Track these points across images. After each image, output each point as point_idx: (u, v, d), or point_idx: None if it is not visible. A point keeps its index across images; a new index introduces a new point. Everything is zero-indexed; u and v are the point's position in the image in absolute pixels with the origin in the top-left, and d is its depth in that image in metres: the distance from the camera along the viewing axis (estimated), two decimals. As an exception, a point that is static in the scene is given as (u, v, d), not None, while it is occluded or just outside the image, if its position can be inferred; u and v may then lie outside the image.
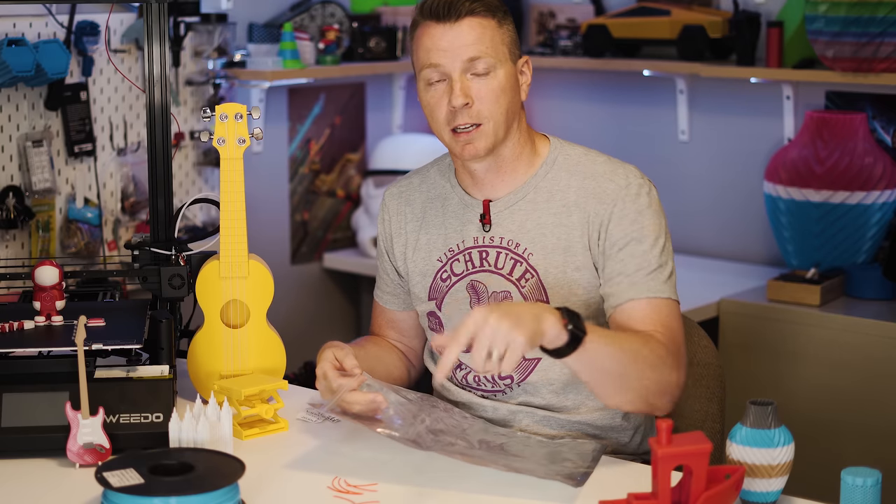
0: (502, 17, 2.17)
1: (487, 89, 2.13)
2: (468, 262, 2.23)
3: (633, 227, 2.13)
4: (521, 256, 2.19)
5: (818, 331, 3.29)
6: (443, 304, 2.26)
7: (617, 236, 2.14)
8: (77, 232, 3.32)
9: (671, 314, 2.12)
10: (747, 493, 1.82)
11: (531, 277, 2.18)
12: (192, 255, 2.38)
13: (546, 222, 2.18)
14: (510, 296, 2.19)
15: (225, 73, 3.68)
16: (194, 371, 2.31)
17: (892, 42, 3.26)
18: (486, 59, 2.13)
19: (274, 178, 3.99)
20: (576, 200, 2.17)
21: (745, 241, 3.87)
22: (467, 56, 2.12)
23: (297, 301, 4.07)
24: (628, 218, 2.14)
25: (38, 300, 2.27)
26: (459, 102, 2.12)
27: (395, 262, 2.34)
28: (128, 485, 1.76)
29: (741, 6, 3.67)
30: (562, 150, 2.23)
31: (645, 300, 2.11)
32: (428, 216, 2.29)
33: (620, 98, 4.09)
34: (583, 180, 2.18)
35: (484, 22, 2.14)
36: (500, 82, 2.14)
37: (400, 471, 2.01)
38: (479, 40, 2.13)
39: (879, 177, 3.42)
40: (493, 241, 2.22)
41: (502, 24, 2.17)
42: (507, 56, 2.16)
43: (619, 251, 2.13)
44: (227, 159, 2.26)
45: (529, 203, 2.20)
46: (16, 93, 3.19)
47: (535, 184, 2.21)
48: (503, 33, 2.16)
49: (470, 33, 2.13)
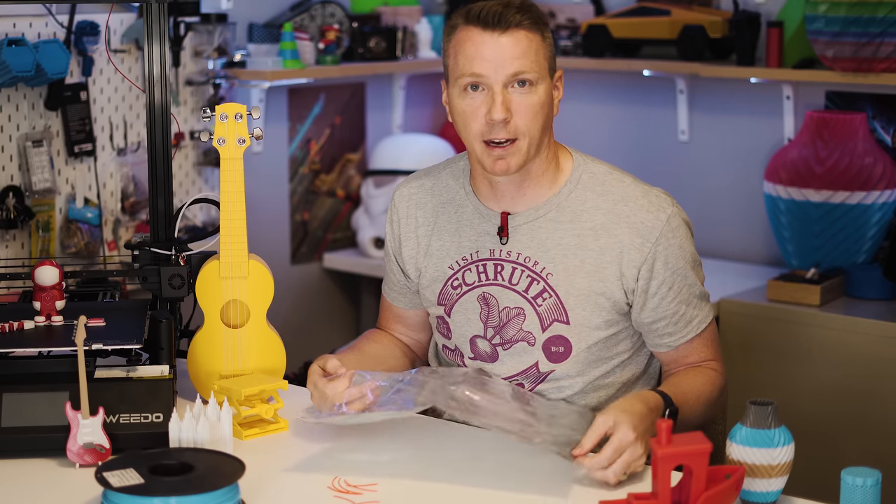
0: (546, 31, 2.14)
1: (527, 105, 2.09)
2: (481, 273, 2.21)
3: (679, 263, 2.16)
4: (539, 275, 2.17)
5: (818, 331, 3.29)
6: (452, 312, 2.25)
7: (664, 276, 2.15)
8: (77, 232, 3.32)
9: (715, 334, 2.25)
10: (747, 493, 1.82)
11: (549, 297, 2.16)
12: (192, 255, 2.38)
13: (569, 243, 2.16)
14: (523, 312, 2.18)
15: (225, 73, 3.68)
16: (194, 371, 2.31)
17: (892, 42, 3.26)
18: (530, 74, 2.09)
19: (274, 178, 3.99)
20: (604, 224, 2.15)
21: (745, 241, 3.87)
22: (512, 70, 2.08)
23: (297, 301, 4.07)
24: (674, 255, 2.16)
25: (38, 300, 2.27)
26: (499, 117, 2.07)
27: (404, 264, 2.32)
28: (128, 485, 1.76)
29: (741, 6, 3.66)
30: (586, 168, 2.20)
31: (696, 338, 2.21)
32: (440, 222, 2.27)
33: (620, 98, 4.09)
34: (613, 204, 2.16)
35: (531, 35, 2.10)
36: (540, 98, 2.11)
37: (400, 471, 2.01)
38: (525, 54, 2.09)
39: (879, 177, 3.42)
40: (510, 256, 2.19)
41: (546, 38, 2.14)
42: (547, 72, 2.13)
43: (668, 290, 2.16)
44: (227, 159, 2.26)
45: (551, 222, 2.17)
46: (16, 93, 3.19)
47: (557, 202, 2.18)
48: (546, 48, 2.14)
49: (517, 46, 2.09)
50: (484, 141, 2.10)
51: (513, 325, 2.19)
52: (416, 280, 2.31)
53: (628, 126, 4.08)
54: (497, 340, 2.21)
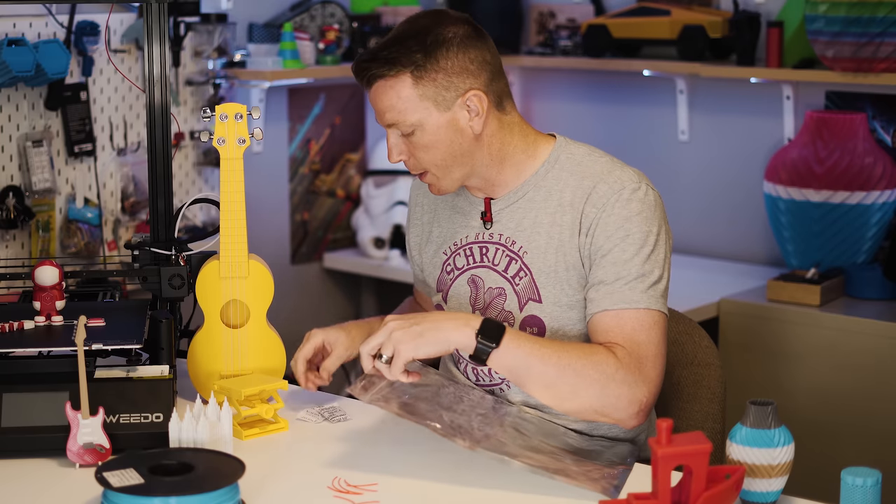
0: (420, 65, 2.08)
1: (416, 145, 2.14)
2: (469, 256, 2.25)
3: (618, 234, 2.10)
4: (517, 254, 2.19)
5: (818, 331, 3.29)
6: (448, 297, 2.28)
7: (601, 242, 2.11)
8: (77, 232, 3.32)
9: (640, 326, 2.06)
10: (747, 493, 1.82)
11: (525, 276, 2.18)
12: (192, 255, 2.38)
13: (542, 221, 2.18)
14: (504, 292, 2.20)
15: (225, 73, 3.68)
16: (194, 371, 2.31)
17: (892, 42, 3.26)
18: (403, 123, 2.11)
19: (274, 178, 3.99)
20: (571, 200, 2.16)
21: (744, 241, 3.87)
22: (385, 122, 2.14)
23: (297, 301, 4.07)
24: (614, 224, 2.11)
25: (38, 300, 2.27)
26: (394, 160, 2.16)
27: (412, 250, 2.39)
28: (128, 485, 1.76)
29: (741, 6, 3.67)
30: (565, 149, 2.21)
31: (612, 312, 2.08)
32: (439, 210, 2.32)
33: (620, 98, 4.09)
34: (581, 180, 2.16)
35: (394, 83, 2.10)
36: (428, 137, 2.12)
37: (400, 471, 2.01)
38: (392, 106, 2.11)
39: (879, 177, 3.42)
40: (493, 238, 2.22)
41: (420, 75, 2.09)
42: (432, 108, 2.11)
43: (602, 258, 2.11)
44: (227, 159, 2.26)
45: (529, 202, 2.20)
46: (16, 93, 3.19)
47: (535, 182, 2.20)
48: (423, 86, 2.10)
49: (382, 99, 2.12)
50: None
51: (495, 306, 2.21)
52: (421, 267, 2.36)
53: (628, 126, 4.08)
54: None
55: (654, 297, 2.08)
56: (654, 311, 2.08)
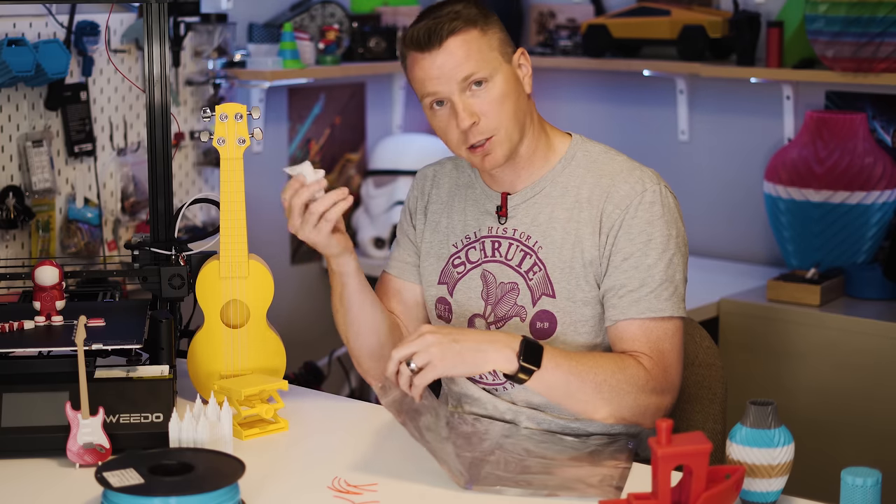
0: (484, 22, 2.15)
1: (489, 101, 2.13)
2: (481, 250, 2.26)
3: (641, 238, 2.13)
4: (531, 249, 2.20)
5: (818, 331, 3.29)
6: (454, 290, 2.27)
7: (622, 244, 2.13)
8: (77, 232, 3.32)
9: (665, 335, 2.12)
10: (747, 493, 1.82)
11: (539, 271, 2.19)
12: (192, 255, 2.38)
13: (558, 217, 2.19)
14: (517, 287, 2.20)
15: (225, 73, 3.68)
16: (194, 371, 2.31)
17: (892, 42, 3.26)
18: (480, 73, 2.12)
19: (274, 178, 3.99)
20: (588, 197, 2.18)
21: (745, 240, 3.87)
22: (461, 76, 2.12)
23: (297, 301, 4.07)
24: (637, 227, 2.14)
25: (38, 300, 2.27)
26: (466, 124, 2.13)
27: (414, 236, 2.37)
28: (128, 485, 1.76)
29: (741, 6, 3.67)
30: (582, 147, 2.24)
31: (638, 321, 2.12)
32: (454, 202, 2.32)
33: (620, 98, 4.09)
34: (599, 178, 2.19)
35: (467, 37, 2.13)
36: (500, 89, 2.14)
37: (400, 471, 2.01)
38: (468, 57, 2.12)
39: (879, 177, 3.42)
40: (507, 233, 2.23)
41: (486, 29, 2.15)
42: (499, 60, 2.16)
43: (623, 261, 2.13)
44: (227, 159, 2.26)
45: (546, 197, 2.21)
46: (16, 93, 3.19)
47: (551, 178, 2.22)
48: (490, 38, 2.15)
49: (456, 53, 2.12)
50: (466, 147, 2.16)
51: (507, 300, 2.22)
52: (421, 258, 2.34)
53: (628, 126, 4.08)
54: (492, 318, 2.24)
55: (677, 303, 2.14)
56: (676, 318, 2.14)
